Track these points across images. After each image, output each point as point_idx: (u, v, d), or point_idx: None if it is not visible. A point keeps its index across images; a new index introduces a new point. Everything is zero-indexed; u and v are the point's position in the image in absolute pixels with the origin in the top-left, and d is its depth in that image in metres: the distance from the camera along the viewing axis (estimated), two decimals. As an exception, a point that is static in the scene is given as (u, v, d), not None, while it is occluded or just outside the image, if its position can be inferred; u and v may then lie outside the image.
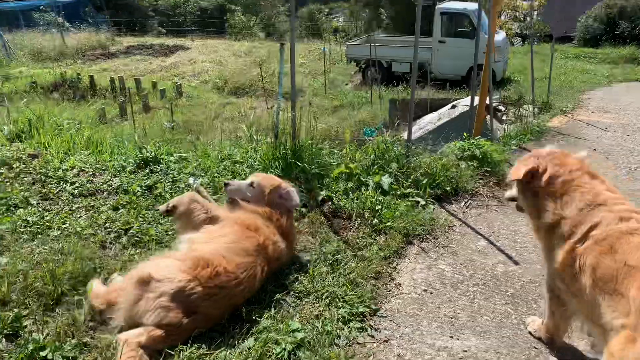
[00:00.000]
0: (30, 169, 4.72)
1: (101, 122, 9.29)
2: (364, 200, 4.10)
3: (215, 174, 4.62)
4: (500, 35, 16.44)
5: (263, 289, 3.03)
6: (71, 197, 4.25)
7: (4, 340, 2.61)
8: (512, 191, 2.80)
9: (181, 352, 2.47)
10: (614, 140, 7.92)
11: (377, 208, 4.00)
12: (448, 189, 4.52)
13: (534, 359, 2.59)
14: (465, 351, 2.63)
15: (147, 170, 4.73)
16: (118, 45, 24.67)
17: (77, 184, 4.45)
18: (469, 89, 14.49)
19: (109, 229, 3.73)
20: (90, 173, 4.73)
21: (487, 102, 10.49)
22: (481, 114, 7.41)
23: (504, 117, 9.74)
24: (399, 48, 17.36)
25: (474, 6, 16.46)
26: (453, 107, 10.08)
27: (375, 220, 3.87)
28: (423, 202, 4.27)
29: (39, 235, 3.59)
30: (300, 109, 6.63)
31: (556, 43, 26.75)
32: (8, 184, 4.38)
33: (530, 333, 2.76)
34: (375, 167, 4.65)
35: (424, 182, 4.45)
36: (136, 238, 3.60)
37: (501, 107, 10.18)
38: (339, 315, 2.82)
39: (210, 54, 21.88)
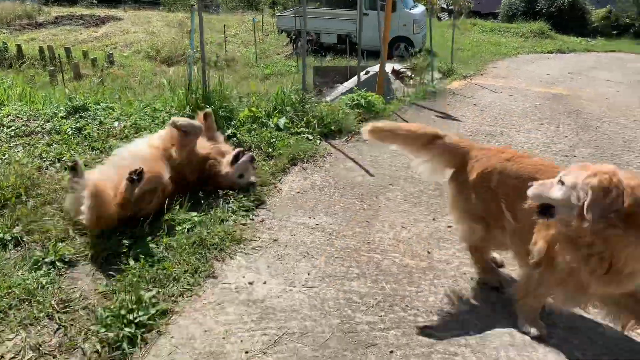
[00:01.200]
0: (-32, 117, 5.33)
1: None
2: (263, 135, 5.06)
3: (137, 119, 5.42)
4: (418, 9, 17.64)
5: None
6: (9, 137, 4.93)
7: (-39, 230, 3.38)
8: None
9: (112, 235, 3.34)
10: (497, 99, 9.22)
11: (272, 141, 4.98)
12: (333, 128, 5.57)
13: (364, 228, 3.67)
14: (317, 224, 3.68)
15: (77, 116, 5.45)
16: (46, 15, 24.03)
17: (13, 127, 5.12)
18: (391, 57, 15.68)
19: (44, 159, 4.48)
20: (25, 119, 5.39)
21: (397, 68, 11.68)
22: (381, 77, 8.52)
23: (411, 82, 10.92)
24: (328, 20, 18.24)
25: (395, -19, 17.55)
26: (367, 72, 11.14)
27: (270, 149, 4.85)
28: (311, 138, 5.29)
29: (-18, 164, 4.30)
30: (211, 66, 7.40)
31: (482, 19, 28.59)
32: (-52, 128, 5.00)
33: None
34: (276, 111, 5.60)
35: (314, 122, 5.46)
36: (68, 164, 4.38)
37: (409, 73, 11.35)
38: (229, 208, 3.78)
39: (143, 25, 21.88)
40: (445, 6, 30.76)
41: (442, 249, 3.46)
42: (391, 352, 2.49)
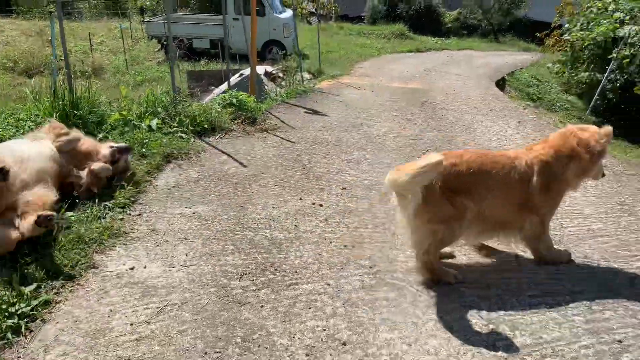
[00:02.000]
0: None
1: None
2: (135, 137, 5.20)
3: (0, 129, 5.25)
4: (287, 14, 18.35)
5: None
6: None
7: None
8: None
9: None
10: (361, 95, 10.10)
11: (145, 141, 5.15)
12: (206, 126, 5.87)
13: (238, 212, 4.05)
14: (194, 213, 3.98)
15: None
16: None
17: None
18: (263, 61, 16.16)
19: None
20: None
21: (270, 70, 12.15)
22: (252, 78, 8.93)
23: (283, 83, 11.48)
24: (200, 25, 18.25)
25: (262, -14, 18.08)
26: (240, 75, 11.49)
27: (143, 149, 5.02)
28: (185, 136, 5.54)
29: None
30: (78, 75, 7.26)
31: (351, 22, 30.25)
32: None
33: None
34: (147, 113, 5.76)
35: (187, 122, 5.71)
36: None
37: (281, 74, 11.91)
38: (106, 205, 3.93)
39: (-6, 34, 20.01)
40: (314, 10, 32.11)
41: (307, 222, 3.96)
42: (262, 306, 2.91)
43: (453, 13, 33.59)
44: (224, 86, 11.97)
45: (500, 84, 14.49)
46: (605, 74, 10.80)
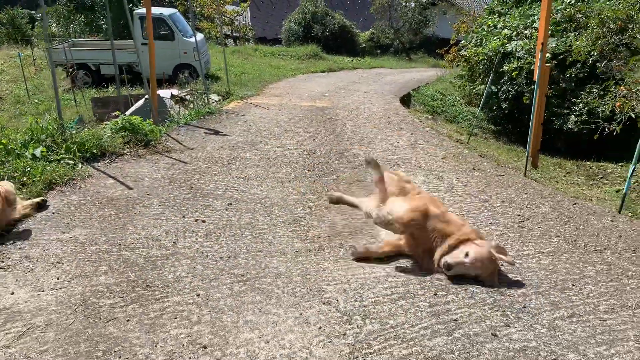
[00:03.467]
0: None
1: None
2: (17, 166, 5.11)
3: None
4: (198, 37, 18.40)
5: None
6: None
7: None
8: None
9: None
10: (267, 114, 10.35)
11: (27, 170, 5.07)
12: (95, 151, 5.86)
13: (117, 233, 4.10)
14: (71, 237, 3.99)
15: None
16: None
17: None
18: (173, 84, 16.07)
19: None
20: None
21: (176, 93, 12.14)
22: (154, 101, 8.94)
23: (191, 105, 11.51)
24: (108, 52, 17.85)
25: (169, 11, 18.10)
26: (146, 99, 11.41)
27: (25, 178, 4.94)
28: (73, 163, 5.50)
29: None
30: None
31: (269, 44, 30.67)
32: None
33: None
34: (32, 142, 5.66)
35: (74, 148, 5.67)
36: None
37: (188, 97, 11.94)
38: (-24, 236, 3.86)
39: None
40: (229, 33, 32.36)
41: (187, 237, 4.08)
42: (127, 320, 3.00)
43: (366, 33, 35.14)
44: (130, 111, 11.84)
45: (406, 99, 15.32)
46: (486, 86, 11.78)
